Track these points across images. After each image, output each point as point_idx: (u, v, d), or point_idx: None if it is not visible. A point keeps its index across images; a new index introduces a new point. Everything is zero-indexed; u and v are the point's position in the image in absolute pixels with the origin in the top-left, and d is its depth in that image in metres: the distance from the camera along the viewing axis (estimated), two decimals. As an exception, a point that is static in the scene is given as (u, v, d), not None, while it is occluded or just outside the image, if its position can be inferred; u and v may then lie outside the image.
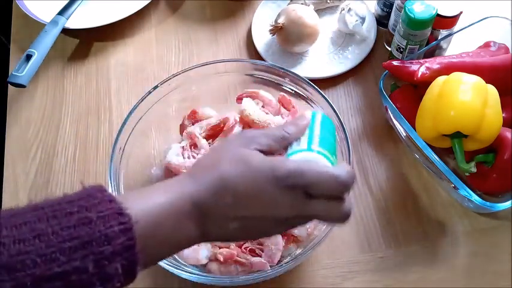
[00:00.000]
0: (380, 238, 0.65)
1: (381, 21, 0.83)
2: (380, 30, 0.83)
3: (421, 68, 0.66)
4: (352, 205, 0.41)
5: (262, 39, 0.82)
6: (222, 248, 0.59)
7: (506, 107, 0.64)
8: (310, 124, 0.46)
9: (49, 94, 0.79)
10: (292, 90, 0.67)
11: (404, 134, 0.68)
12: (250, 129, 0.63)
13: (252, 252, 0.59)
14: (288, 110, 0.67)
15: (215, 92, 0.70)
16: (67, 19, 0.81)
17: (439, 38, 0.74)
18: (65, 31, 0.81)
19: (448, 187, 0.63)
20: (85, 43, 0.85)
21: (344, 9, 0.82)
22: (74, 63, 0.83)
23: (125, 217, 0.34)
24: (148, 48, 0.84)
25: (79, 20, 0.83)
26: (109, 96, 0.79)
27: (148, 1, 0.85)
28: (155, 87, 0.63)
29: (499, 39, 0.71)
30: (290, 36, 0.77)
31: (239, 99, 0.67)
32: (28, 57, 0.75)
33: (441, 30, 0.73)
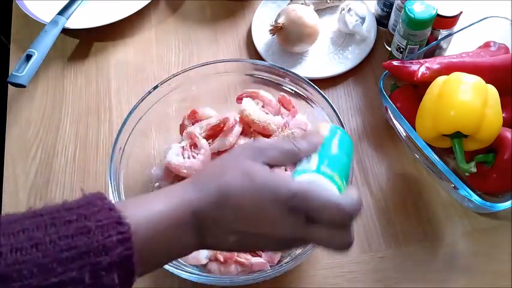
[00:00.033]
0: (380, 238, 0.65)
1: (381, 21, 0.83)
2: (380, 30, 0.83)
3: (421, 68, 0.66)
4: (354, 235, 0.39)
5: (262, 39, 0.82)
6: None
7: (506, 107, 0.64)
8: (325, 140, 0.43)
9: (49, 94, 0.79)
10: (292, 90, 0.67)
11: (404, 134, 0.68)
12: (259, 139, 0.62)
13: (252, 252, 0.59)
14: (288, 110, 0.67)
15: (215, 92, 0.70)
16: (67, 19, 0.81)
17: (439, 38, 0.74)
18: (65, 31, 0.81)
19: (448, 187, 0.63)
20: (85, 43, 0.85)
21: (344, 9, 0.82)
22: (74, 63, 0.83)
23: (124, 226, 0.34)
24: (148, 48, 0.84)
25: (79, 20, 0.83)
26: (109, 96, 0.79)
27: (148, 1, 0.85)
28: (155, 87, 0.63)
29: (499, 39, 0.71)
30: (290, 36, 0.77)
31: (239, 99, 0.67)
32: (28, 57, 0.75)
33: (441, 30, 0.73)
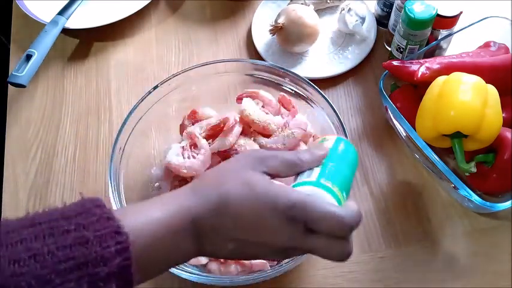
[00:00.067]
0: (380, 238, 0.65)
1: (381, 21, 0.83)
2: (380, 30, 0.83)
3: (421, 68, 0.66)
4: (352, 245, 0.39)
5: (262, 39, 0.82)
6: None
7: (506, 107, 0.64)
8: (329, 152, 0.44)
9: (49, 94, 0.79)
10: (292, 90, 0.67)
11: (404, 134, 0.68)
12: (261, 149, 0.62)
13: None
14: (288, 110, 0.67)
15: (215, 92, 0.70)
16: (67, 19, 0.81)
17: (439, 38, 0.74)
18: (65, 31, 0.81)
19: (448, 187, 0.63)
20: (85, 43, 0.85)
21: (344, 9, 0.82)
22: (74, 63, 0.83)
23: (122, 236, 0.34)
24: (148, 48, 0.84)
25: (79, 20, 0.83)
26: (109, 96, 0.79)
27: (148, 1, 0.85)
28: (155, 87, 0.63)
29: (499, 39, 0.71)
30: (290, 36, 0.77)
31: (239, 99, 0.67)
32: (28, 57, 0.75)
33: (441, 30, 0.73)
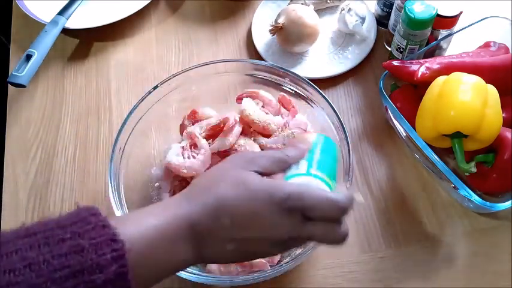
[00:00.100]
0: (380, 238, 0.65)
1: (381, 21, 0.83)
2: (380, 30, 0.83)
3: (421, 68, 0.66)
4: (348, 227, 0.41)
5: (262, 39, 0.82)
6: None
7: (506, 107, 0.64)
8: (311, 146, 0.46)
9: (49, 94, 0.79)
10: (292, 90, 0.67)
11: (404, 134, 0.68)
12: (249, 151, 0.62)
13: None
14: (288, 110, 0.67)
15: (215, 92, 0.70)
16: (67, 19, 0.81)
17: (439, 38, 0.74)
18: (65, 31, 0.81)
19: (448, 187, 0.63)
20: (85, 43, 0.85)
21: (344, 9, 0.82)
22: (74, 63, 0.83)
23: (118, 243, 0.34)
24: (148, 48, 0.84)
25: (79, 20, 0.83)
26: (109, 96, 0.79)
27: (148, 1, 0.85)
28: (155, 87, 0.63)
29: (499, 39, 0.71)
30: (290, 36, 0.77)
31: (239, 99, 0.67)
32: (28, 57, 0.75)
33: (441, 30, 0.73)
